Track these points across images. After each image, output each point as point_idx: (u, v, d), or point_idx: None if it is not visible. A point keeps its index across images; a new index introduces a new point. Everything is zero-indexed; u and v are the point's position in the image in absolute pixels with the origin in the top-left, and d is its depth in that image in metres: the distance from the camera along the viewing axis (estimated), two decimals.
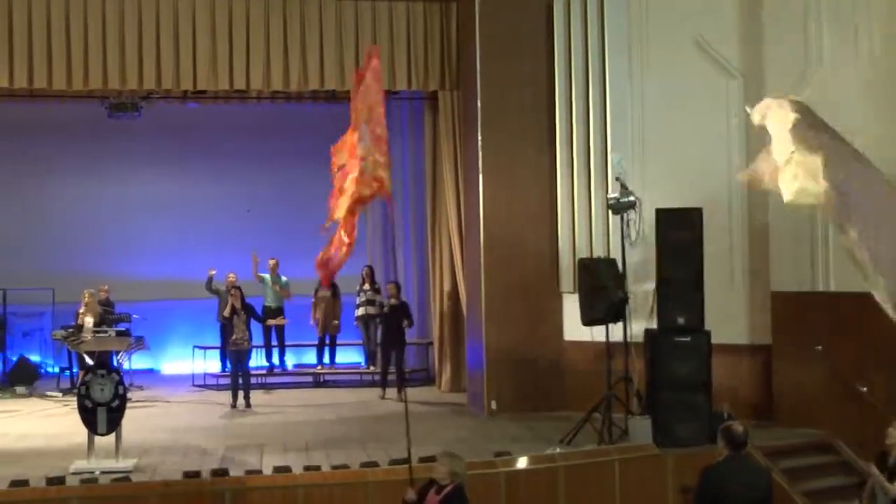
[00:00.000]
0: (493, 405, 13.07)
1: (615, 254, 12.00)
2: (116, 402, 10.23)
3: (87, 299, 14.75)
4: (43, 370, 16.97)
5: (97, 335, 12.29)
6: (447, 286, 14.91)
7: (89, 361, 10.68)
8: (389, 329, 14.72)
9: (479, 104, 13.41)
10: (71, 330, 14.23)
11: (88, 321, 14.21)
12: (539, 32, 13.49)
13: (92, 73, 13.49)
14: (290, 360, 17.14)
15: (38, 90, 14.26)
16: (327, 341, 16.71)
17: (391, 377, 14.80)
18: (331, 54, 13.92)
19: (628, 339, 11.15)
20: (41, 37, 13.34)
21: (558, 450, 10.49)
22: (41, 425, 12.45)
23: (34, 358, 16.97)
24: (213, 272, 16.14)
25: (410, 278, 16.63)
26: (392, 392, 14.64)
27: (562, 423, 11.72)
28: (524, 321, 13.19)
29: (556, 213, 13.40)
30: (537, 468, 9.90)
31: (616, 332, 11.20)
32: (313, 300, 16.55)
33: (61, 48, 13.41)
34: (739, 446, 7.21)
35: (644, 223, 11.32)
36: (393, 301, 14.65)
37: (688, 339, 10.83)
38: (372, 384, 15.73)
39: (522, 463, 9.94)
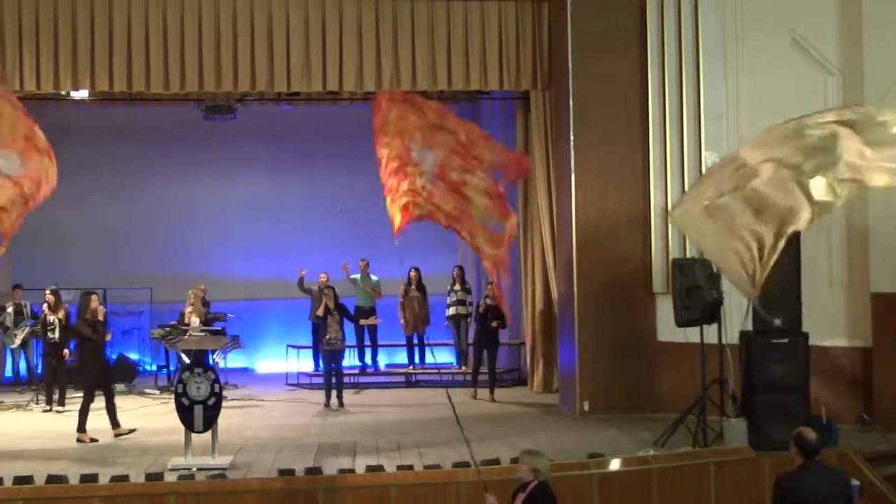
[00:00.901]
0: (586, 406, 13.00)
1: None
2: (213, 400, 10.41)
3: (192, 299, 15.06)
4: (141, 368, 17.35)
5: (197, 334, 12.52)
6: (539, 286, 14.86)
7: (186, 360, 10.86)
8: (483, 329, 14.75)
9: (571, 103, 13.36)
10: (168, 329, 14.55)
11: (195, 321, 14.51)
12: (631, 30, 13.37)
13: (188, 77, 13.75)
14: (382, 360, 17.26)
15: (136, 94, 14.63)
16: (416, 341, 16.81)
17: (483, 377, 14.82)
18: (423, 55, 13.97)
19: (723, 341, 11.00)
20: (139, 42, 13.65)
21: (652, 452, 10.39)
22: (140, 422, 12.72)
23: (133, 356, 17.39)
24: (304, 272, 16.33)
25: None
26: (484, 392, 14.66)
27: (655, 424, 11.62)
28: (617, 322, 13.09)
29: (650, 212, 13.27)
30: (630, 470, 9.82)
31: (710, 333, 11.06)
32: (400, 300, 16.65)
33: (158, 52, 13.70)
34: (811, 453, 6.97)
35: None
36: (489, 301, 14.67)
37: (785, 340, 10.65)
38: (464, 384, 15.76)
39: (615, 464, 9.87)
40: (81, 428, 12.00)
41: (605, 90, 13.30)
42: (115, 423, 12.15)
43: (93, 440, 11.86)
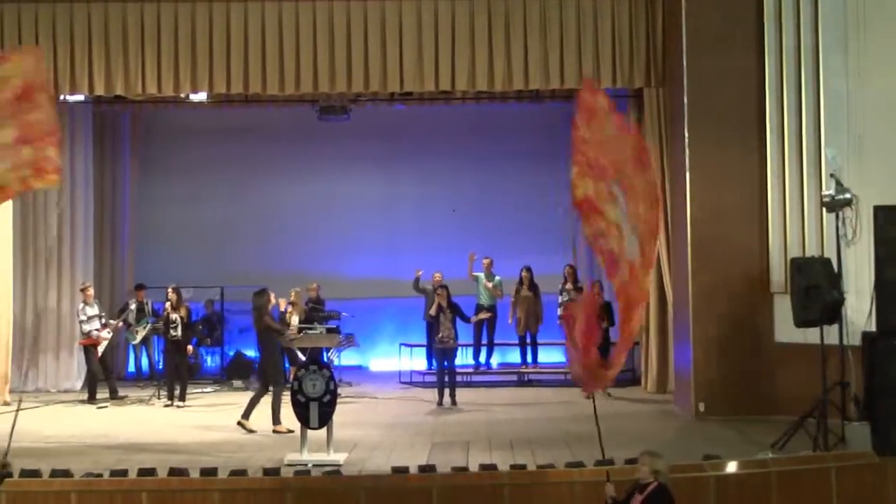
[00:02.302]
0: (701, 407, 12.81)
1: (829, 253, 11.56)
2: (328, 398, 10.55)
3: (293, 297, 15.30)
4: (256, 365, 17.64)
5: (306, 333, 12.70)
6: (653, 286, 14.64)
7: (301, 357, 11.03)
8: None
9: (685, 100, 13.18)
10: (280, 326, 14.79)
11: (294, 320, 14.73)
12: (748, 26, 13.11)
13: (303, 78, 13.95)
14: (495, 359, 17.28)
15: (252, 95, 14.90)
16: (528, 340, 16.77)
17: None
18: (535, 53, 13.92)
19: (844, 342, 10.72)
20: (256, 44, 13.91)
21: (770, 455, 10.19)
22: (257, 417, 12.95)
23: (249, 353, 17.68)
24: (420, 272, 16.42)
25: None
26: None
27: (773, 427, 11.37)
28: (733, 322, 12.87)
29: (767, 210, 12.99)
30: (748, 473, 9.62)
31: (831, 334, 10.79)
32: (512, 299, 16.64)
33: (274, 54, 13.94)
34: None
35: (861, 221, 10.87)
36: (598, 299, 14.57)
37: None
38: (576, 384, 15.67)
39: (732, 467, 9.69)
40: (276, 420, 12.27)
41: (720, 86, 13.08)
42: (276, 420, 12.35)
43: (289, 430, 12.00)
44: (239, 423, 12.37)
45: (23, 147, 7.67)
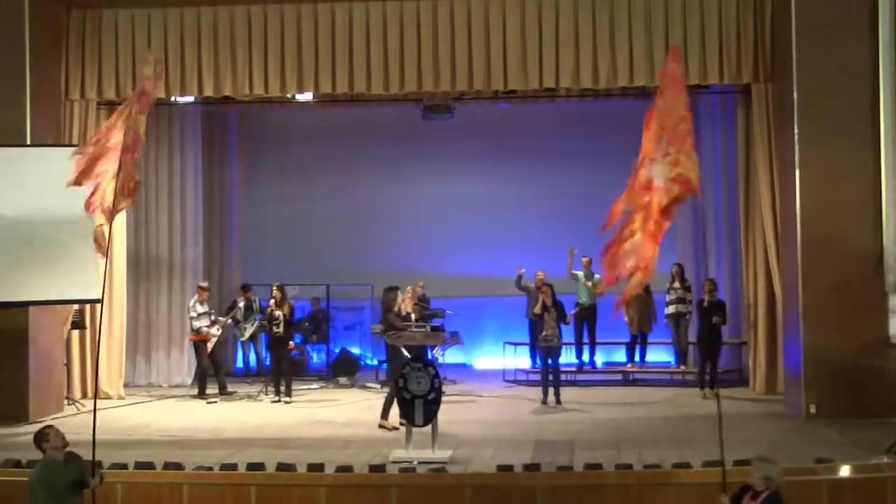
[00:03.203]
0: (812, 409, 12.53)
1: None
2: (432, 395, 10.62)
3: (410, 294, 15.37)
4: (363, 362, 17.85)
5: (414, 330, 12.77)
6: (761, 285, 14.41)
7: (407, 355, 11.10)
8: (704, 327, 14.48)
9: (795, 95, 12.89)
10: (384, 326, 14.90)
11: (413, 317, 14.79)
12: (861, 16, 12.76)
13: (407, 77, 14.04)
14: (599, 358, 17.16)
15: (357, 95, 15.01)
16: (639, 339, 16.62)
17: (706, 376, 14.55)
18: (640, 49, 13.77)
19: None
20: (360, 44, 14.05)
21: (885, 459, 9.92)
22: (363, 415, 13.11)
23: (355, 350, 17.91)
24: (523, 270, 16.37)
25: (722, 276, 16.22)
26: (709, 392, 14.38)
27: (887, 430, 11.08)
28: (845, 322, 12.54)
29: (881, 207, 12.64)
30: (862, 477, 9.39)
31: None
32: (621, 298, 16.44)
33: (379, 54, 14.06)
34: None
35: None
36: (709, 298, 14.37)
37: None
38: (683, 384, 15.50)
39: (846, 471, 9.46)
40: (384, 415, 12.38)
41: (831, 80, 12.75)
42: (384, 415, 12.44)
43: (395, 428, 12.10)
44: (379, 426, 12.45)
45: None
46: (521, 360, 16.94)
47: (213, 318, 15.59)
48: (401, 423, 11.37)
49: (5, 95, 13.55)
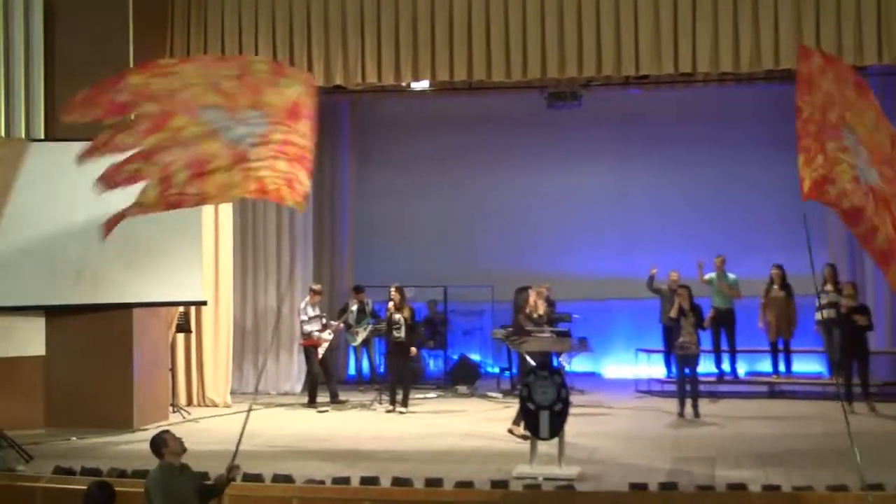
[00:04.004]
0: None
1: None
2: (559, 406, 10.52)
3: (536, 296, 15.36)
4: (483, 370, 17.87)
5: (538, 335, 12.73)
6: None
7: (531, 362, 11.07)
8: (847, 335, 14.15)
9: None
10: (511, 329, 14.88)
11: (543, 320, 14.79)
12: None
13: (530, 63, 13.93)
14: (742, 367, 16.89)
15: (476, 82, 15.03)
16: (781, 347, 16.30)
17: (856, 389, 14.20)
18: (786, 29, 13.42)
19: None
20: (480, 29, 14.00)
21: None
22: (484, 426, 13.12)
23: (474, 357, 17.93)
24: (655, 270, 16.20)
25: (881, 279, 15.76)
26: (861, 406, 14.02)
27: None
28: None
29: None
30: None
31: None
32: (762, 301, 16.19)
33: (500, 39, 13.98)
34: None
35: None
36: (849, 303, 14.02)
37: None
38: (836, 396, 15.12)
39: None
40: (517, 420, 12.33)
41: None
42: (517, 421, 12.40)
43: (524, 437, 12.03)
44: (508, 430, 12.49)
45: (279, 159, 7.98)
46: (655, 368, 16.81)
47: (324, 321, 15.76)
48: (524, 436, 11.34)
49: None
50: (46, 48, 14.01)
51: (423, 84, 15.38)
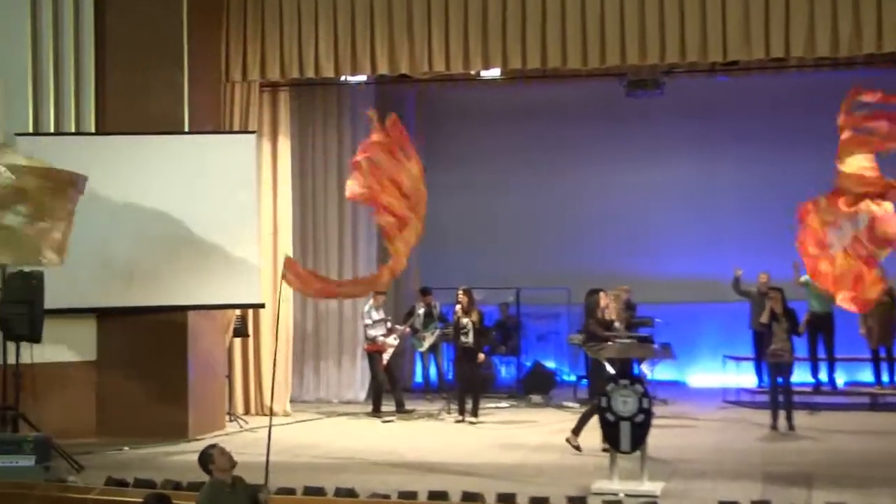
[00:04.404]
0: None
1: None
2: (641, 417, 10.34)
3: (611, 300, 15.13)
4: (559, 378, 17.71)
5: (618, 341, 12.53)
6: None
7: (610, 370, 10.90)
8: None
9: None
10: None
11: (617, 325, 14.57)
12: None
13: (609, 49, 13.78)
14: (841, 377, 16.61)
15: (550, 70, 14.86)
16: (883, 355, 15.95)
17: None
18: (891, 9, 13.11)
19: None
20: (555, 12, 13.87)
21: None
22: (559, 438, 12.92)
23: (549, 364, 17.78)
24: (740, 272, 16.00)
25: None
26: None
27: None
28: None
29: None
30: None
31: None
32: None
33: (576, 23, 13.84)
34: None
35: None
36: None
37: None
38: None
39: None
40: (576, 429, 12.28)
41: None
42: (577, 430, 12.31)
43: (577, 448, 12.08)
44: (566, 440, 12.34)
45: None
46: (744, 377, 16.58)
47: (389, 325, 15.68)
48: (603, 449, 11.16)
49: (161, 78, 13.96)
50: (97, 39, 14.06)
51: (493, 72, 15.23)
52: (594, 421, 11.60)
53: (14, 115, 13.61)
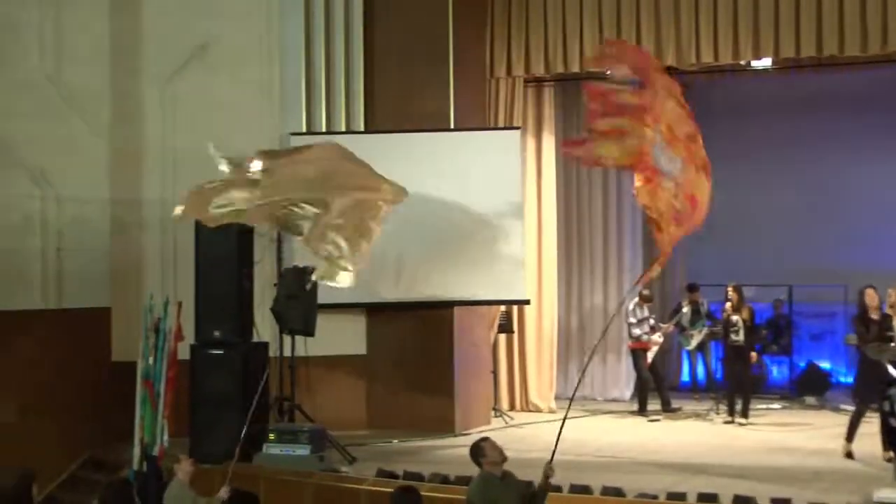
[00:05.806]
0: None
1: None
2: None
3: (893, 298, 14.51)
4: (834, 379, 17.15)
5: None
6: None
7: (893, 373, 10.48)
8: None
9: None
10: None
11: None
12: None
13: (891, 33, 13.31)
14: None
15: (826, 58, 14.45)
16: None
17: None
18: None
19: None
20: (831, 1, 13.44)
21: None
22: (836, 443, 12.50)
23: (824, 365, 17.22)
24: None
25: None
26: None
27: None
28: None
29: None
30: None
31: None
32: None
33: (854, 8, 13.45)
34: None
35: None
36: None
37: None
38: None
39: None
40: (847, 436, 12.04)
41: None
42: (849, 437, 12.01)
43: (848, 454, 11.86)
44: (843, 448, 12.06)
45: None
46: None
47: (653, 323, 15.54)
48: (887, 459, 10.73)
49: (428, 76, 14.26)
50: (366, 42, 14.49)
51: (764, 62, 14.89)
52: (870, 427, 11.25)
53: (289, 117, 14.25)
